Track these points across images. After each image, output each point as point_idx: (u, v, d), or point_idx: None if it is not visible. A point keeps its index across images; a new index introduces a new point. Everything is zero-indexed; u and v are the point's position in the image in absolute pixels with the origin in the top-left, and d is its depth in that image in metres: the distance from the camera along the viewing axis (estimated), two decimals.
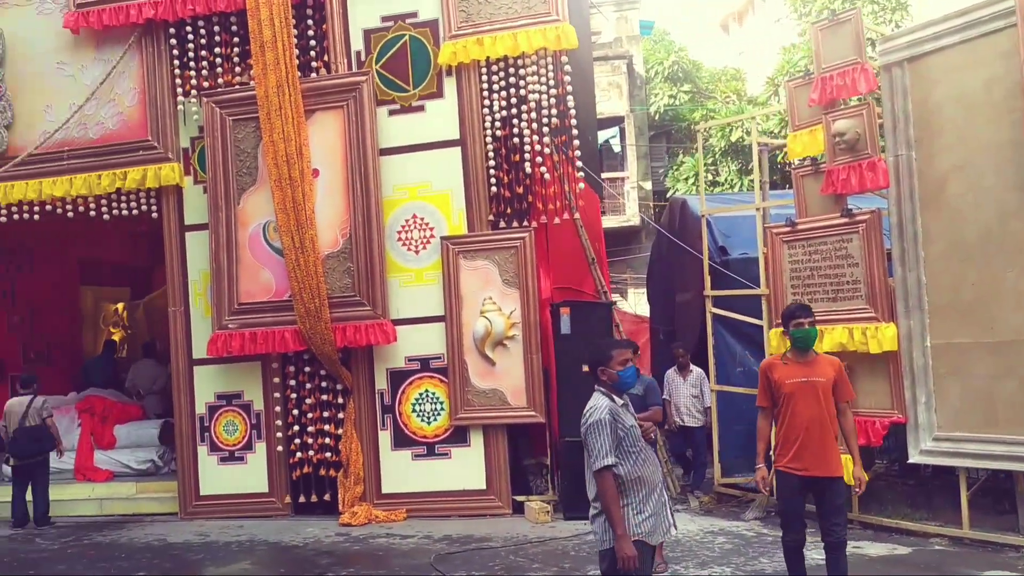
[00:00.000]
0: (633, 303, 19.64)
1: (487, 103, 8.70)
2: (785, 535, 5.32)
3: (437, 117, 8.84)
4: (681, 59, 22.75)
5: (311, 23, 9.13)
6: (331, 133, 8.84)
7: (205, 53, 9.26)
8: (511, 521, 8.27)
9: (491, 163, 8.68)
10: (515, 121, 8.63)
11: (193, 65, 9.27)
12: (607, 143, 21.65)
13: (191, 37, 9.24)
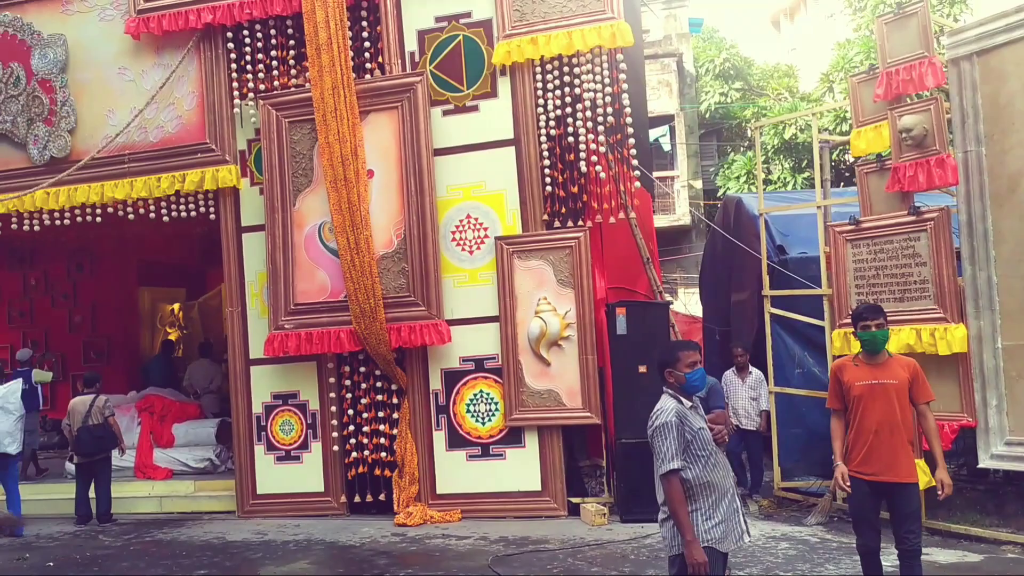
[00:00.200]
0: (684, 303, 19.46)
1: (541, 102, 8.66)
2: (857, 540, 5.21)
3: (491, 117, 8.82)
4: (732, 56, 22.52)
5: (365, 24, 9.18)
6: (386, 134, 8.87)
7: (262, 56, 9.36)
8: (567, 523, 8.21)
9: (545, 162, 8.63)
10: (569, 120, 8.57)
11: (250, 68, 9.37)
12: (657, 142, 21.51)
13: (248, 41, 9.35)
